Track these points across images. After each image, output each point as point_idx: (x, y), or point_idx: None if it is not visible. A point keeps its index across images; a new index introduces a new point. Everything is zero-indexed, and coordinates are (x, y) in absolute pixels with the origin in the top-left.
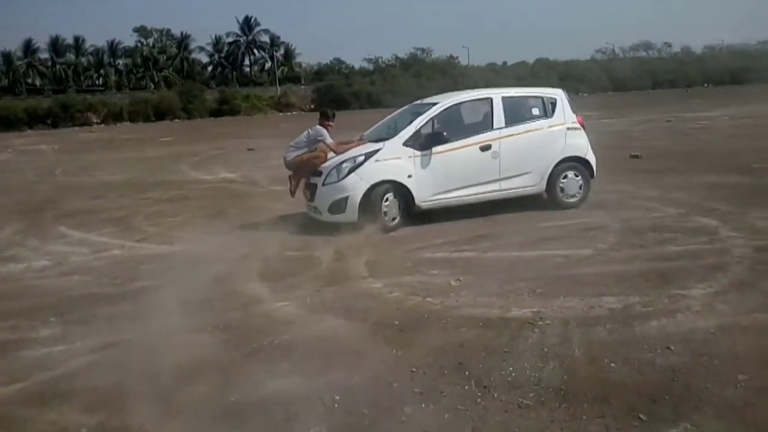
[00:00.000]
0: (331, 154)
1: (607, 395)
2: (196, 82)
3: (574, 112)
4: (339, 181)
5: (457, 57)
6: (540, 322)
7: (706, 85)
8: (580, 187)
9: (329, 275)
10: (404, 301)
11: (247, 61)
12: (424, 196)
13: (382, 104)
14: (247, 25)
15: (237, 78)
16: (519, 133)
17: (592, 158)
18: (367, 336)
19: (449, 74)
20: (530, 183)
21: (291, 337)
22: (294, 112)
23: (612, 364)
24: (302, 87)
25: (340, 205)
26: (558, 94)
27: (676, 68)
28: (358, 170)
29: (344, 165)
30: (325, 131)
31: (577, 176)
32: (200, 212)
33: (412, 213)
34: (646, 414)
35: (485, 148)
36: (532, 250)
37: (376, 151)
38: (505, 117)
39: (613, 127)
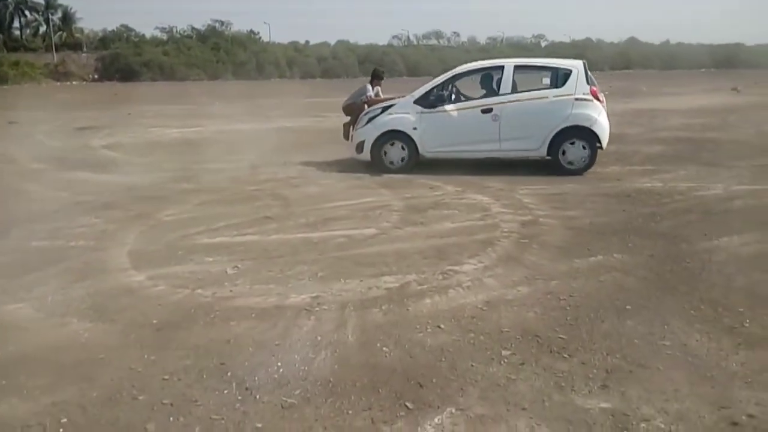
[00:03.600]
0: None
1: (376, 383)
2: None
3: (590, 84)
4: (362, 127)
5: (258, 33)
6: (317, 308)
7: None
8: (585, 156)
9: (82, 268)
10: (169, 296)
11: (17, 24)
12: (427, 147)
13: (177, 77)
14: None
15: (5, 42)
16: (522, 100)
17: (601, 129)
18: (115, 340)
19: (250, 50)
20: (530, 147)
21: (19, 347)
22: (74, 82)
23: (384, 348)
24: (84, 55)
25: (360, 147)
26: (576, 66)
27: (463, 56)
28: (374, 120)
29: (367, 115)
30: (370, 87)
31: (581, 145)
32: None
33: (418, 160)
34: (412, 401)
35: (486, 111)
36: (317, 231)
37: (391, 106)
38: (512, 84)
39: None
